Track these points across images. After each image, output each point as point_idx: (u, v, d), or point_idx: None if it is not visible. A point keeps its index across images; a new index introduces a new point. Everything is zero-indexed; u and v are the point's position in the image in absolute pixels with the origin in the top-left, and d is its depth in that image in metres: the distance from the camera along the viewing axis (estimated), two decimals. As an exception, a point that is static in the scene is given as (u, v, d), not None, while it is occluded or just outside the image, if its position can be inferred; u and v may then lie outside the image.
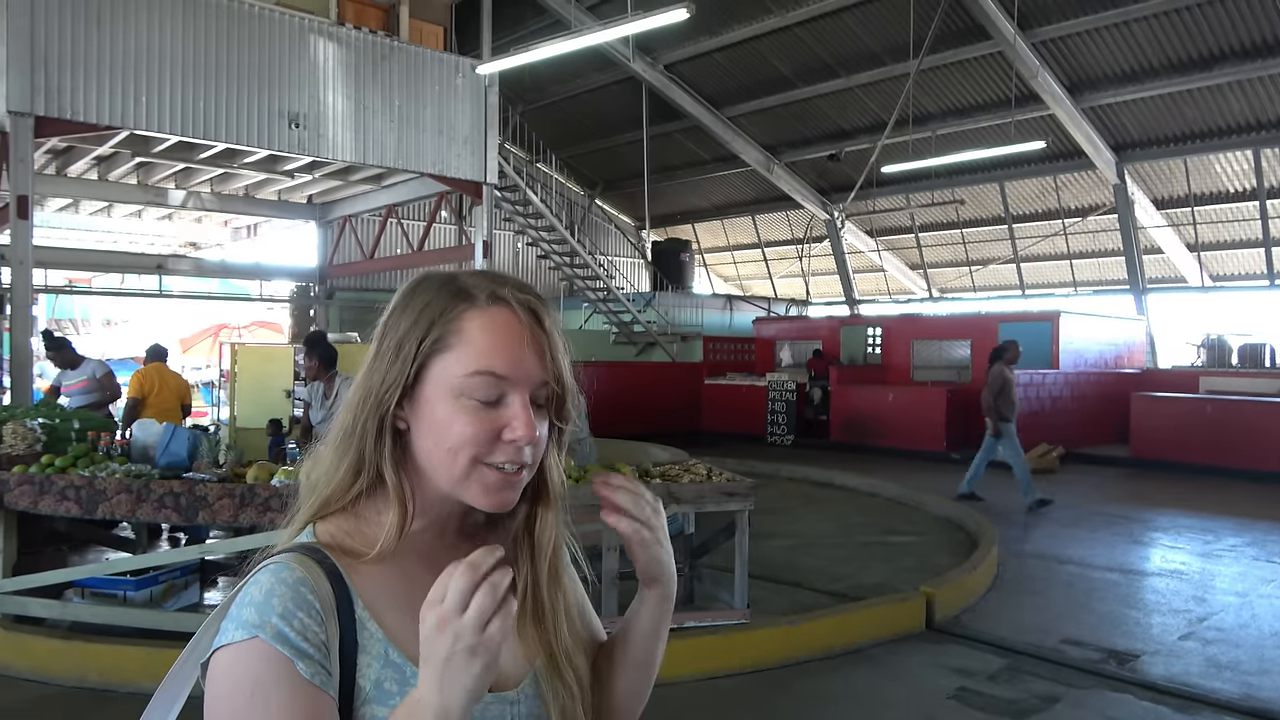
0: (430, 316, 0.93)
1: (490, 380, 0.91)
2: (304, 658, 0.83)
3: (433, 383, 0.92)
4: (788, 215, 23.09)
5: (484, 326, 0.92)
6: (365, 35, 11.01)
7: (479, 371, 0.90)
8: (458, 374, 0.91)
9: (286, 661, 0.82)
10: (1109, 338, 16.32)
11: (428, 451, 0.93)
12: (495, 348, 0.91)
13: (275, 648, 0.82)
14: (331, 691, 0.84)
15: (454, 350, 0.92)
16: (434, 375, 0.92)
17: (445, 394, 0.91)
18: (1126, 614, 5.87)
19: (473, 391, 0.91)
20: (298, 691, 0.82)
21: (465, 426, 0.90)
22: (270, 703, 0.81)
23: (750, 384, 16.52)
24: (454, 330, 0.92)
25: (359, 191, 14.39)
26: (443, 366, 0.92)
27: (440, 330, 0.92)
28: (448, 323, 0.92)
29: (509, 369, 0.91)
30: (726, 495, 5.05)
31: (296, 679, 0.82)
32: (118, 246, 17.04)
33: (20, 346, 9.07)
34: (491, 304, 0.93)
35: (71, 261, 15.54)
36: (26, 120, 8.65)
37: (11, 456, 5.16)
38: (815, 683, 4.61)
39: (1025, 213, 19.63)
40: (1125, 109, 15.80)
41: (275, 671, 0.82)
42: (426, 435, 0.93)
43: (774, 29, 16.26)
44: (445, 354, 0.92)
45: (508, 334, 0.92)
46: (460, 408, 0.91)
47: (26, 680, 4.37)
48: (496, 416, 0.91)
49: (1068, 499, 10.15)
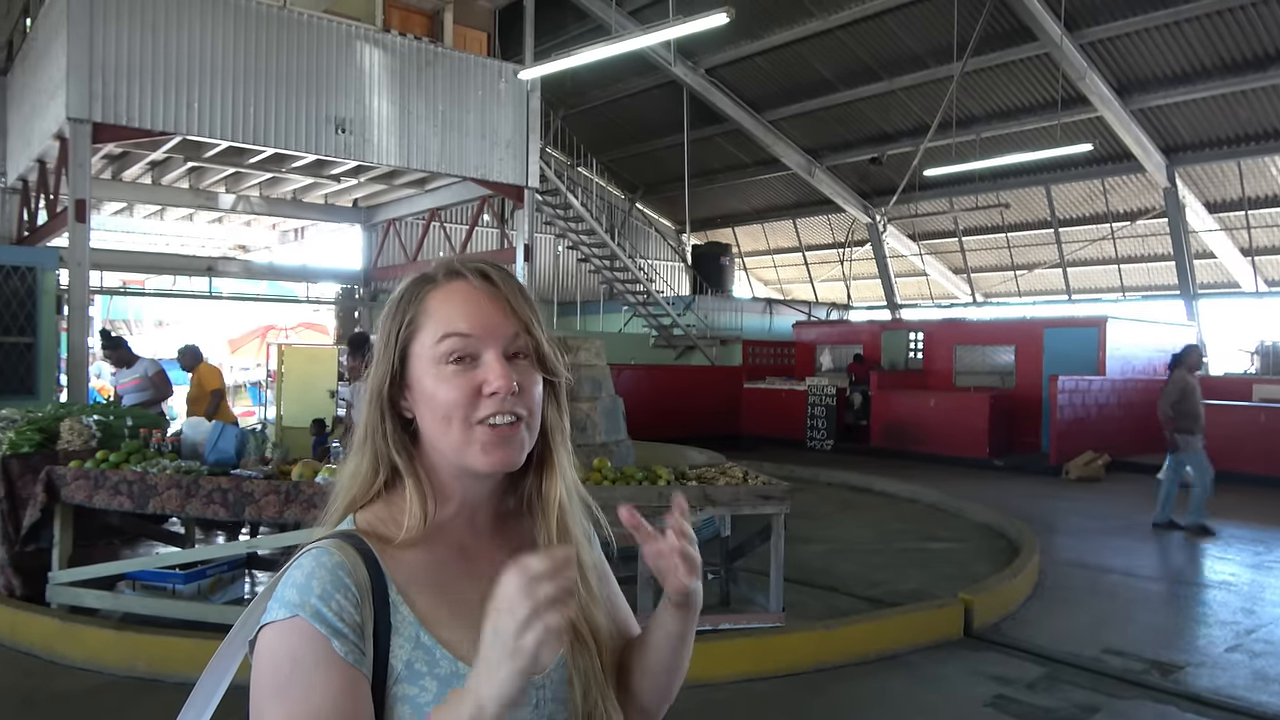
0: (404, 305, 1.01)
1: (457, 340, 0.97)
2: (339, 637, 0.88)
3: (415, 362, 0.99)
4: (829, 219, 22.96)
5: (443, 298, 1.00)
6: (410, 41, 11.18)
7: (446, 334, 0.98)
8: (429, 344, 0.98)
9: (324, 640, 0.87)
10: (1158, 344, 15.96)
11: (429, 429, 0.99)
12: (456, 312, 0.99)
13: (314, 626, 0.87)
14: (365, 670, 0.89)
15: (424, 327, 0.99)
16: (415, 355, 1.00)
17: (427, 368, 0.98)
18: (1171, 624, 5.76)
19: (445, 355, 0.97)
20: (333, 668, 0.87)
21: (449, 392, 0.96)
22: (308, 677, 0.86)
23: (790, 388, 16.45)
24: (421, 310, 1.00)
25: (403, 195, 14.59)
26: (419, 344, 0.99)
27: (411, 313, 1.00)
28: (417, 306, 1.00)
29: (471, 326, 0.98)
30: (762, 498, 5.05)
31: (332, 656, 0.87)
32: (170, 249, 17.47)
33: (77, 346, 9.36)
34: (448, 279, 1.01)
35: (126, 264, 15.95)
36: (85, 127, 8.93)
37: (68, 452, 5.33)
38: (850, 688, 4.60)
39: (1072, 216, 19.31)
40: (1176, 111, 15.48)
41: (313, 649, 0.87)
42: (424, 413, 0.99)
43: (815, 32, 16.19)
44: (419, 333, 1.00)
45: (465, 297, 0.99)
46: (441, 375, 0.97)
47: (81, 669, 4.52)
48: (474, 375, 0.97)
49: (1113, 508, 9.97)
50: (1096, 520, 9.25)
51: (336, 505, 1.03)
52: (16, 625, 4.83)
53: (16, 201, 13.60)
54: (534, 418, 1.00)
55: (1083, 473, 12.21)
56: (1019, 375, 15.12)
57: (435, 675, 0.92)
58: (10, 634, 4.83)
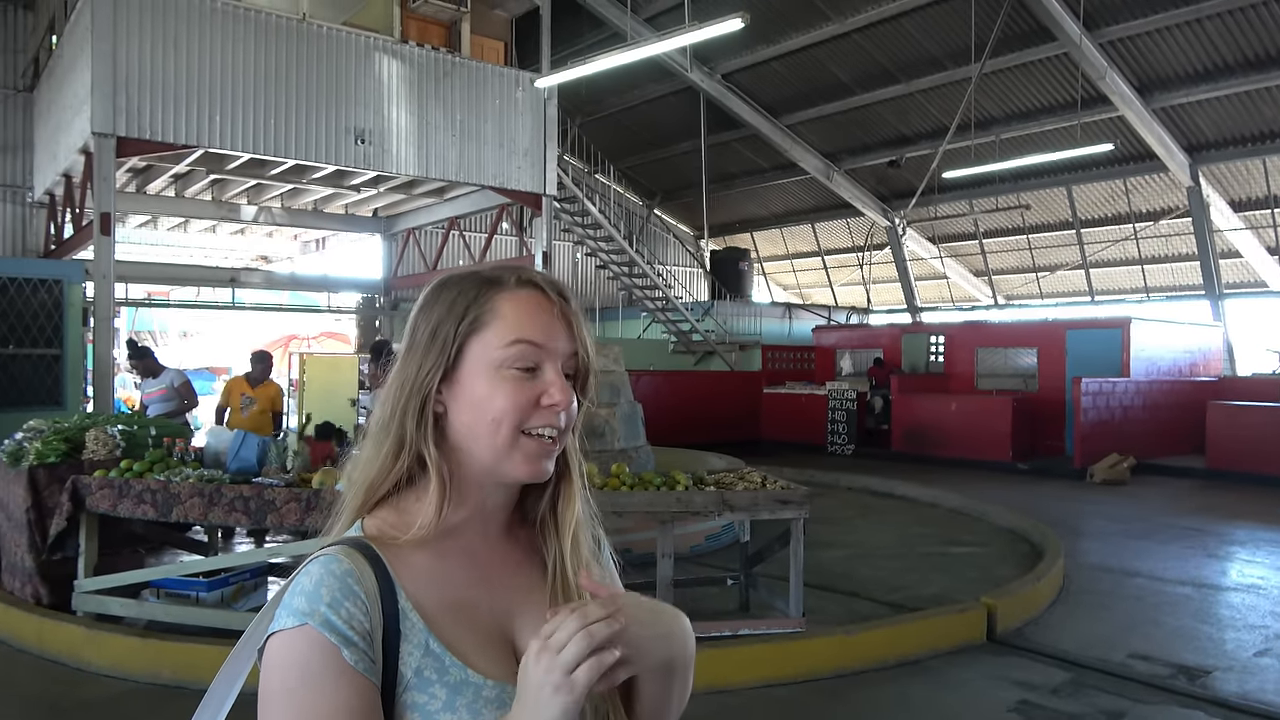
0: (465, 303, 1.00)
1: (528, 348, 0.97)
2: (349, 645, 0.88)
3: (471, 361, 0.98)
4: (848, 222, 22.88)
5: (517, 304, 0.99)
6: (428, 52, 11.27)
7: (517, 340, 0.97)
8: (496, 346, 0.97)
9: (333, 648, 0.87)
10: (1183, 345, 15.80)
11: (468, 427, 0.98)
12: (529, 320, 0.98)
13: (323, 634, 0.87)
14: (374, 678, 0.89)
15: (490, 327, 0.98)
16: (472, 354, 0.98)
17: (485, 369, 0.98)
18: (1198, 629, 5.68)
19: (512, 361, 0.97)
20: (342, 676, 0.87)
21: (507, 396, 0.96)
22: (317, 686, 0.86)
23: (810, 393, 16.38)
24: (488, 310, 0.99)
25: (422, 205, 14.69)
26: (481, 344, 0.98)
27: (476, 312, 0.99)
28: (482, 305, 0.99)
29: (544, 338, 0.98)
30: (781, 503, 5.03)
31: (342, 664, 0.87)
32: (193, 261, 17.69)
33: (103, 357, 9.48)
34: (520, 286, 1.01)
35: (150, 275, 16.16)
36: (109, 141, 9.06)
37: (93, 462, 5.40)
38: (872, 693, 4.57)
39: (1094, 217, 19.13)
40: (1199, 109, 15.32)
41: (322, 657, 0.87)
42: (466, 412, 0.98)
43: (832, 36, 16.16)
44: (482, 332, 0.98)
45: (539, 308, 0.99)
46: (500, 378, 0.97)
47: (106, 676, 4.57)
48: (534, 385, 0.97)
49: (1138, 510, 9.85)
50: (1121, 523, 9.15)
51: (353, 493, 1.02)
52: (44, 632, 4.89)
53: (44, 216, 13.82)
54: (567, 435, 1.01)
55: (1107, 476, 12.07)
56: (1042, 378, 14.99)
57: (445, 683, 0.92)
58: (38, 641, 4.89)
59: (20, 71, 13.88)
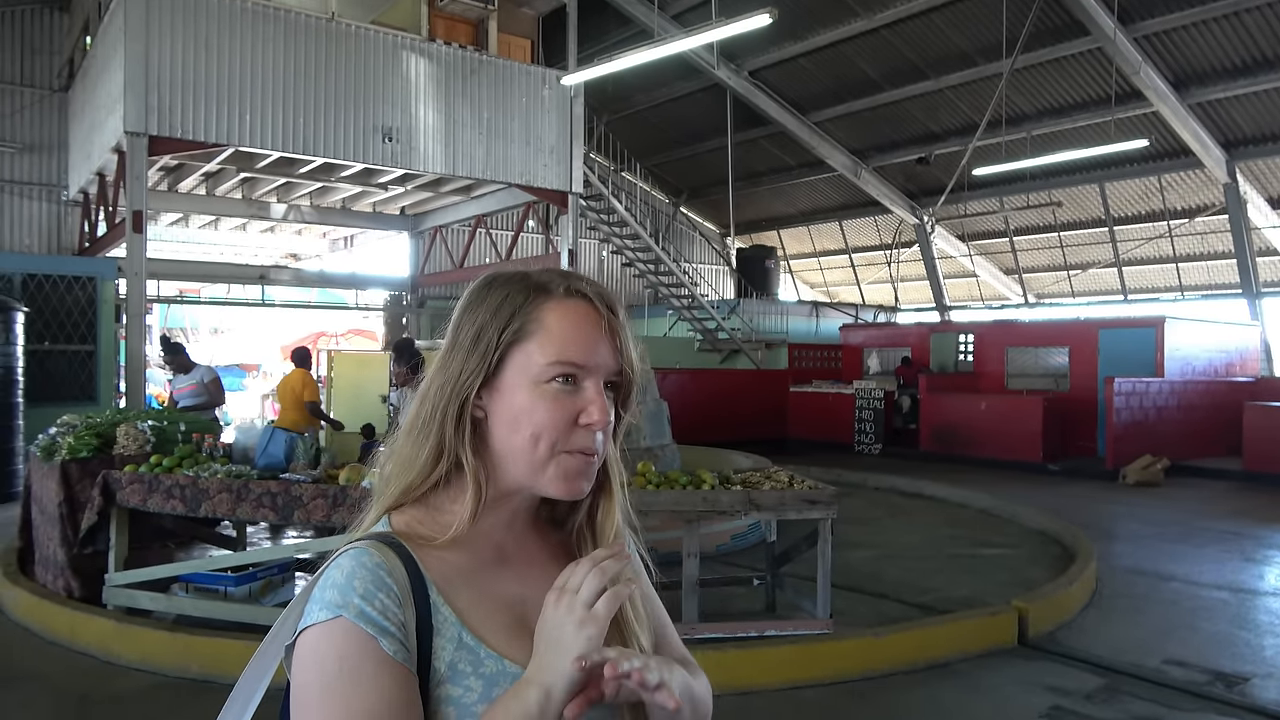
0: (510, 308, 0.97)
1: (570, 367, 0.95)
2: (386, 635, 0.86)
3: (513, 370, 0.96)
4: (875, 220, 22.70)
5: (563, 316, 0.96)
6: (455, 50, 11.31)
7: (560, 360, 0.95)
8: (540, 362, 0.95)
9: (370, 639, 0.85)
10: (1219, 344, 15.50)
11: (506, 439, 0.96)
12: (575, 336, 0.96)
13: (359, 626, 0.86)
14: (412, 667, 0.88)
15: (534, 338, 0.96)
16: (514, 363, 0.96)
17: (526, 381, 0.95)
18: (1236, 634, 5.56)
19: (555, 375, 0.94)
20: (382, 667, 0.85)
21: (546, 413, 0.94)
22: (357, 677, 0.84)
23: (837, 392, 16.27)
24: (533, 320, 0.96)
25: (449, 203, 14.76)
26: (524, 355, 0.96)
27: (520, 320, 0.96)
28: (527, 313, 0.96)
29: (587, 357, 0.95)
30: (808, 503, 4.98)
31: (381, 655, 0.85)
32: (224, 258, 17.89)
33: (135, 353, 9.61)
34: (568, 296, 0.98)
35: (182, 273, 16.36)
36: (141, 140, 9.17)
37: (123, 457, 5.45)
38: (899, 696, 4.51)
39: (1127, 214, 18.84)
40: (1236, 104, 15.02)
41: (360, 648, 0.85)
42: (505, 422, 0.96)
43: (860, 32, 16.02)
44: (526, 342, 0.96)
45: (585, 322, 0.96)
46: (541, 394, 0.94)
47: (136, 669, 4.61)
48: (574, 402, 0.95)
49: (1173, 513, 9.68)
50: (1155, 526, 8.99)
51: (388, 491, 1.01)
52: (75, 626, 4.95)
53: (78, 214, 14.03)
54: (606, 451, 0.99)
55: (1141, 477, 11.87)
56: (1073, 377, 14.79)
57: (480, 675, 0.91)
58: (70, 634, 4.95)
59: (55, 72, 14.10)
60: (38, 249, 14.07)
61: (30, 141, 13.99)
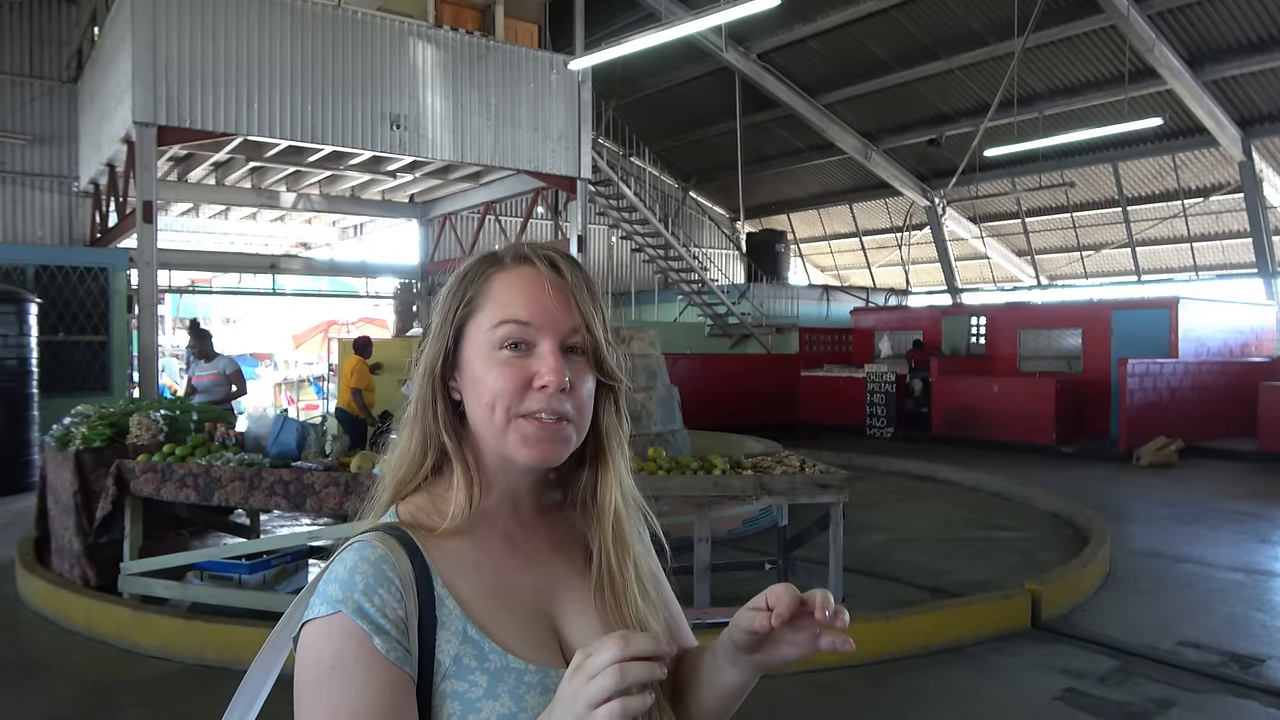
0: (465, 283, 0.99)
1: (515, 327, 0.95)
2: (382, 634, 0.86)
3: (469, 343, 0.97)
4: (886, 203, 22.57)
5: (508, 283, 0.97)
6: (462, 36, 11.26)
7: (504, 320, 0.95)
8: (486, 328, 0.96)
9: (366, 637, 0.85)
10: (1234, 324, 15.38)
11: (474, 412, 0.97)
12: (518, 298, 0.96)
13: (356, 623, 0.85)
14: (408, 668, 0.87)
15: (483, 309, 0.97)
16: (469, 336, 0.97)
17: (480, 351, 0.96)
18: (1251, 616, 5.53)
19: (501, 341, 0.95)
20: (373, 666, 0.85)
21: (498, 379, 0.94)
22: (348, 675, 0.84)
23: (848, 375, 16.23)
24: (482, 291, 0.98)
25: (458, 190, 14.74)
26: (475, 326, 0.97)
27: (472, 293, 0.98)
28: (478, 287, 0.98)
29: (531, 315, 0.95)
30: (820, 487, 4.97)
31: (374, 654, 0.85)
32: (234, 248, 17.95)
33: (147, 343, 9.65)
34: (516, 263, 0.99)
35: (193, 263, 16.43)
36: (150, 130, 9.18)
37: (137, 446, 5.49)
38: (913, 679, 4.51)
39: (1141, 194, 18.67)
40: (1252, 81, 14.83)
41: (354, 645, 0.85)
42: (471, 396, 0.97)
43: (870, 12, 15.87)
44: (477, 314, 0.97)
45: (530, 285, 0.96)
46: (493, 360, 0.95)
47: (151, 657, 4.65)
48: (525, 365, 0.94)
49: (1187, 495, 9.63)
50: (1169, 508, 8.94)
51: (384, 485, 1.02)
52: (92, 614, 4.99)
53: (89, 205, 14.08)
54: (582, 417, 0.97)
55: (1155, 459, 11.81)
56: (1086, 359, 14.70)
57: (485, 669, 0.89)
58: (86, 623, 4.99)
59: (64, 64, 14.12)
60: (49, 240, 14.13)
61: (40, 133, 14.03)
